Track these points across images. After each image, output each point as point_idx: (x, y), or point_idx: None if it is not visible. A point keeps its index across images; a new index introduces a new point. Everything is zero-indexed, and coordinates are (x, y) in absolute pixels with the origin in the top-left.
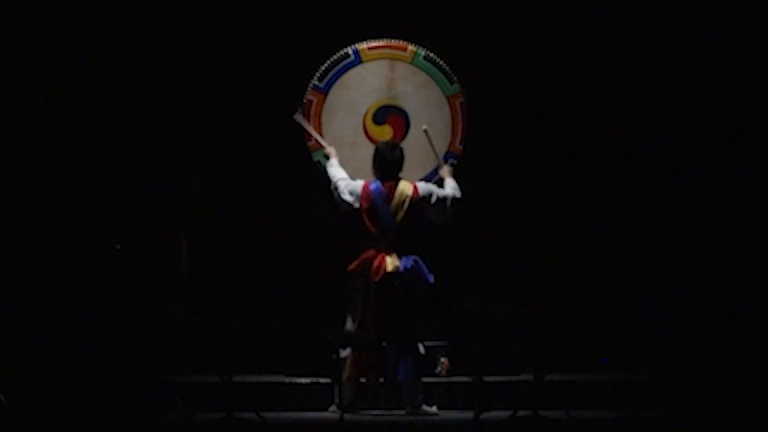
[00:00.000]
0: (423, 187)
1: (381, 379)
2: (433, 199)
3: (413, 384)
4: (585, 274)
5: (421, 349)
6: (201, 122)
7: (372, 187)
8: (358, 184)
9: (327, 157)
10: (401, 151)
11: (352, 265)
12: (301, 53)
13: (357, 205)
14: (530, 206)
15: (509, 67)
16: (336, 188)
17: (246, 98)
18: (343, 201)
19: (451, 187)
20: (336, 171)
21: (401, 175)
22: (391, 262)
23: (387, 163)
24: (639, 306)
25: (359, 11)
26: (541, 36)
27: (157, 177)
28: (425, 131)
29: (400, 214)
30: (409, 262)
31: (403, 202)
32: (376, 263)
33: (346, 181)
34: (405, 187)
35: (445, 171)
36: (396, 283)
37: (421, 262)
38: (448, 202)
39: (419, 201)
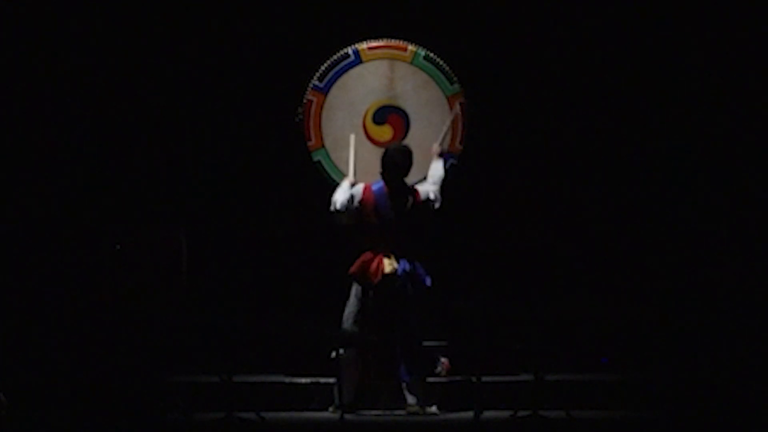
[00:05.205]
0: (422, 189)
1: (384, 379)
2: (431, 197)
3: (417, 385)
4: (585, 274)
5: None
6: (201, 122)
7: (374, 188)
8: (358, 188)
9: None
10: (411, 155)
11: (353, 268)
12: (301, 53)
13: (357, 205)
14: (530, 206)
15: (509, 67)
16: (334, 205)
17: (246, 98)
18: (339, 212)
19: (434, 182)
20: (341, 193)
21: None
22: (389, 264)
23: (396, 168)
24: (639, 306)
25: (359, 11)
26: (541, 36)
27: (157, 177)
28: (459, 106)
29: (402, 217)
30: (406, 264)
31: (406, 204)
32: (374, 265)
33: (345, 195)
34: (408, 191)
35: (437, 148)
36: (394, 285)
37: (418, 265)
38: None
39: (422, 203)
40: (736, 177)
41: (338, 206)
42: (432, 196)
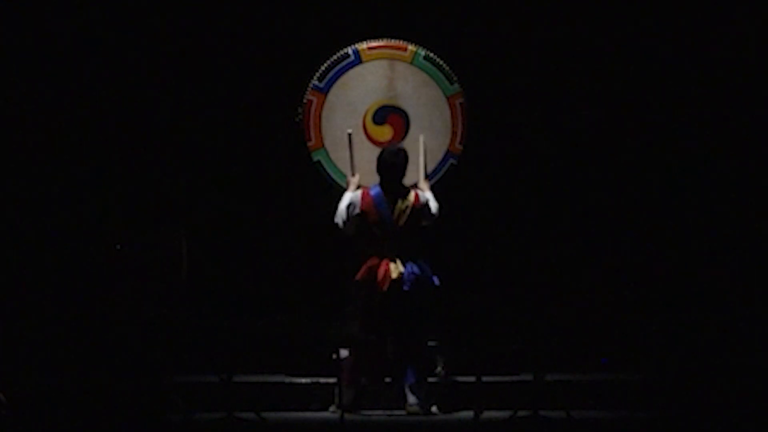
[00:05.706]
0: (422, 194)
1: (387, 380)
2: (429, 206)
3: (421, 386)
4: (585, 274)
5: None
6: (201, 122)
7: (372, 192)
8: (357, 194)
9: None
10: (405, 156)
11: (359, 275)
12: (301, 53)
13: (357, 211)
14: (530, 206)
15: (509, 67)
16: (337, 220)
17: (246, 98)
18: (345, 225)
19: (433, 202)
20: (342, 205)
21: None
22: (395, 269)
23: (390, 169)
24: (639, 306)
25: (359, 11)
26: (541, 36)
27: (157, 177)
28: (422, 142)
29: (403, 219)
30: (413, 267)
31: (405, 208)
32: (381, 271)
33: (344, 204)
34: (406, 192)
35: (425, 185)
36: (403, 290)
37: (425, 266)
38: (434, 214)
39: (420, 208)
40: (736, 177)
41: (340, 220)
42: (432, 206)
